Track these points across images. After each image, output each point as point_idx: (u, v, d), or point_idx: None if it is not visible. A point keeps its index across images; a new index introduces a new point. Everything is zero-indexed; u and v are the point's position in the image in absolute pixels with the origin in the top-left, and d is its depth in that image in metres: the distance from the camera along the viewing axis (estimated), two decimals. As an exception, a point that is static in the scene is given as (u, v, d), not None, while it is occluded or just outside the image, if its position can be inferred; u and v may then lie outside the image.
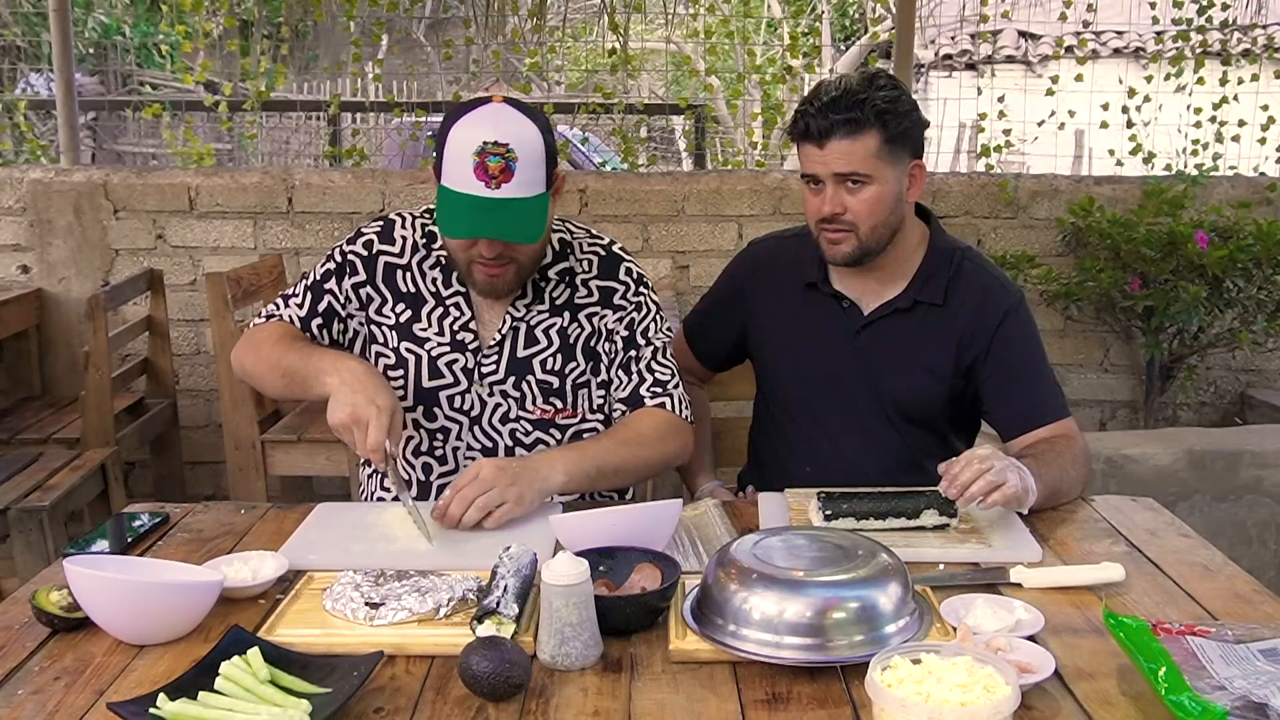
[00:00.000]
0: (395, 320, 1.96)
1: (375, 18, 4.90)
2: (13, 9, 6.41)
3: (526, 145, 1.77)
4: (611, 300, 1.98)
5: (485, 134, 1.75)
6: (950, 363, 2.03)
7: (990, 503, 1.67)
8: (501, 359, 1.94)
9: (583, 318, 1.97)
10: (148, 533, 1.76)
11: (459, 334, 1.95)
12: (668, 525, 1.62)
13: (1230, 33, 4.91)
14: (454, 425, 1.95)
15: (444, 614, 1.40)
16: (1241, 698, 1.19)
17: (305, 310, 1.97)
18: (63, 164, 4.40)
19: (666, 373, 1.98)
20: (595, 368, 1.98)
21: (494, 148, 1.74)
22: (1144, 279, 3.90)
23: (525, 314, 1.95)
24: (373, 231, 2.00)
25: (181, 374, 4.23)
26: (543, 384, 1.95)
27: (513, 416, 1.95)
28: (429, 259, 1.98)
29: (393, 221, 2.01)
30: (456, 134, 1.78)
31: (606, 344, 1.98)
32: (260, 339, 1.94)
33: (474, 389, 1.94)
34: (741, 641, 1.31)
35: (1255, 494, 3.30)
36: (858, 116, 1.88)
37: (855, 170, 1.90)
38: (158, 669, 1.33)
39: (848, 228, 1.94)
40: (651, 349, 1.98)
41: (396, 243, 1.99)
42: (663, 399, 1.96)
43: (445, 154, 1.79)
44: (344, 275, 1.97)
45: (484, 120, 1.77)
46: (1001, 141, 4.68)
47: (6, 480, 3.05)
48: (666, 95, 8.42)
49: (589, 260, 2.00)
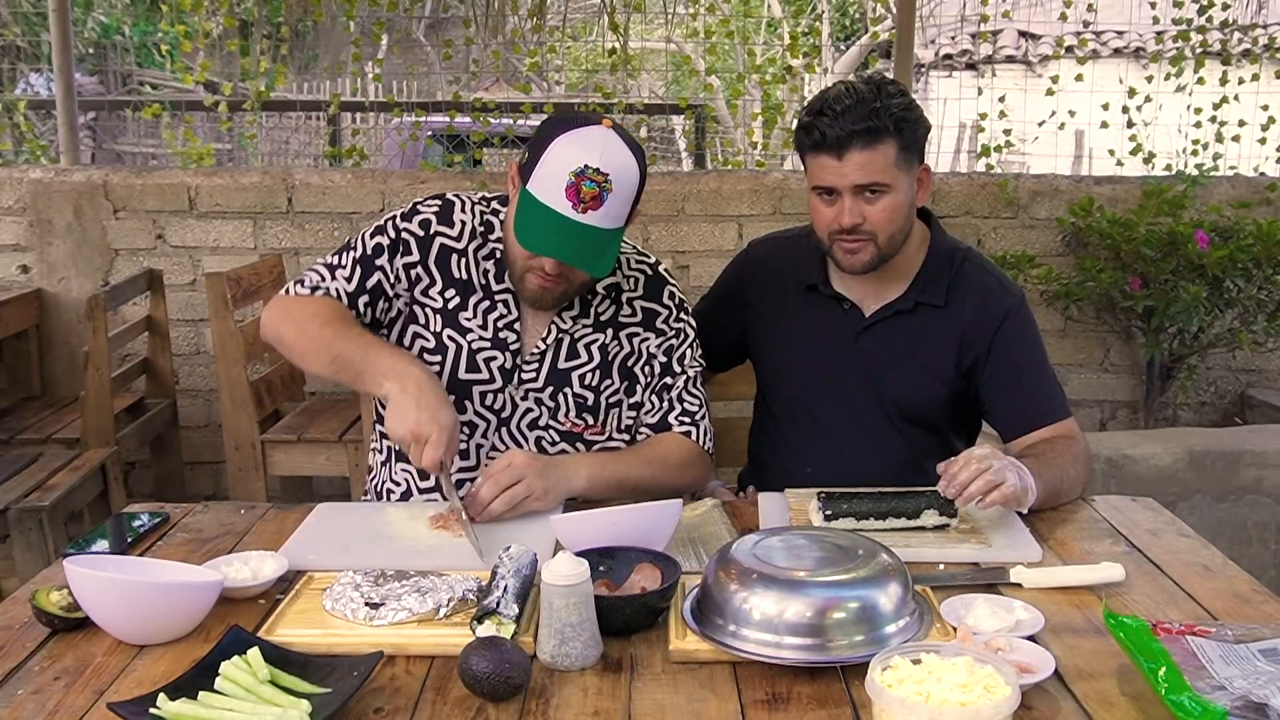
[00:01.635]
0: (442, 304, 1.92)
1: (375, 18, 4.89)
2: (13, 9, 6.41)
3: (624, 179, 1.74)
4: (654, 324, 1.98)
5: (590, 158, 1.72)
6: (952, 363, 2.03)
7: (989, 502, 1.67)
8: (542, 368, 1.92)
9: (624, 336, 1.96)
10: (148, 533, 1.76)
11: (502, 332, 1.92)
12: (668, 525, 1.62)
13: (1230, 33, 4.90)
14: (482, 423, 1.93)
15: (444, 614, 1.40)
16: (1241, 698, 1.19)
17: (354, 285, 1.90)
18: (63, 164, 4.39)
19: (696, 403, 1.99)
20: (630, 388, 1.97)
21: (594, 174, 1.71)
22: (1144, 279, 3.90)
23: (570, 326, 1.94)
24: (430, 211, 1.94)
25: (181, 374, 4.23)
26: (578, 398, 1.94)
27: (542, 424, 1.94)
28: (484, 249, 1.93)
29: (451, 203, 1.95)
30: (559, 148, 1.74)
31: (645, 367, 1.97)
32: (306, 314, 1.86)
33: (508, 390, 1.92)
34: (741, 641, 1.31)
35: (1255, 494, 3.30)
36: (875, 125, 1.84)
37: (875, 180, 1.87)
38: (158, 669, 1.33)
39: (867, 237, 1.92)
40: (685, 377, 1.99)
41: (455, 226, 1.93)
42: (689, 428, 1.97)
43: (541, 162, 1.75)
44: (396, 253, 1.91)
45: (592, 143, 1.73)
46: (1001, 141, 4.68)
47: (6, 480, 3.05)
48: (666, 95, 8.42)
49: (635, 278, 1.99)
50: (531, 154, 1.78)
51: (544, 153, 1.75)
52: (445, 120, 4.62)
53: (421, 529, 1.74)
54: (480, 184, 4.14)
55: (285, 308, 1.91)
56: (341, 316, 1.87)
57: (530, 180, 1.76)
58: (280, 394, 3.67)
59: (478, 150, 4.53)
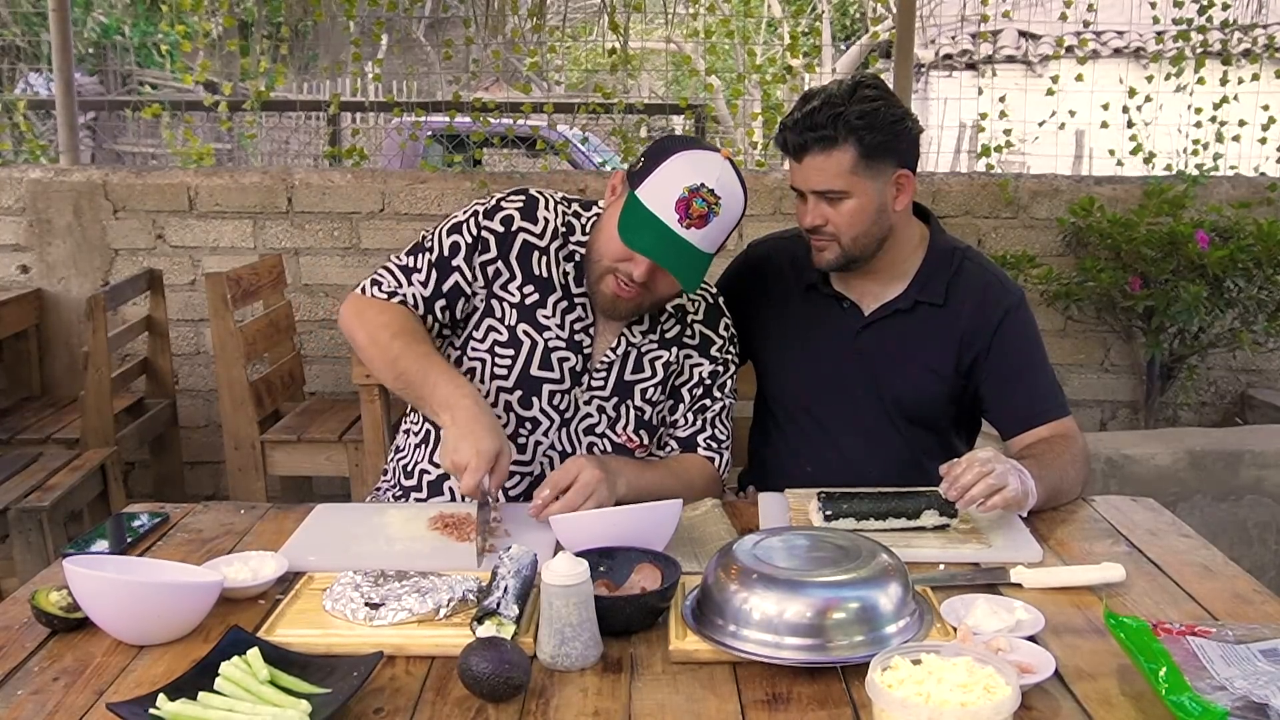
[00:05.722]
0: (520, 299, 1.92)
1: (375, 18, 4.89)
2: (13, 9, 6.41)
3: (732, 206, 1.79)
4: (709, 351, 2.01)
5: (708, 178, 1.76)
6: (951, 362, 2.03)
7: (990, 506, 1.67)
8: (610, 377, 1.94)
9: (681, 356, 1.99)
10: (147, 533, 1.76)
11: (578, 334, 1.93)
12: (668, 525, 1.62)
13: (1230, 33, 4.90)
14: (545, 421, 1.93)
15: (444, 614, 1.40)
16: (1242, 698, 1.19)
17: (430, 289, 1.90)
18: (62, 164, 4.39)
19: (724, 432, 2.03)
20: (674, 407, 2.01)
21: (709, 194, 1.76)
22: (1144, 279, 3.90)
23: (639, 341, 1.96)
24: (514, 207, 1.94)
25: (181, 374, 4.23)
26: (639, 410, 1.96)
27: (599, 431, 1.95)
28: (564, 249, 1.94)
29: (535, 200, 1.96)
30: (679, 162, 1.78)
31: (693, 388, 2.00)
32: (380, 322, 1.86)
33: (574, 392, 1.93)
34: (741, 642, 1.31)
35: (1255, 494, 3.30)
36: (830, 134, 1.88)
37: (830, 187, 1.92)
38: (158, 669, 1.33)
39: (830, 238, 1.97)
40: (721, 405, 2.02)
41: (539, 223, 1.94)
42: (714, 455, 2.01)
43: (657, 172, 1.78)
44: (474, 252, 1.90)
45: (711, 166, 1.78)
46: (1002, 141, 4.68)
47: (6, 480, 3.05)
48: (666, 95, 8.42)
49: (698, 303, 2.03)
50: (646, 163, 1.81)
51: (661, 164, 1.79)
52: (445, 120, 4.62)
53: (421, 529, 1.74)
54: (480, 184, 4.14)
55: (359, 310, 1.91)
56: (412, 330, 1.86)
57: (641, 187, 1.79)
58: (280, 394, 3.67)
59: (478, 150, 4.52)
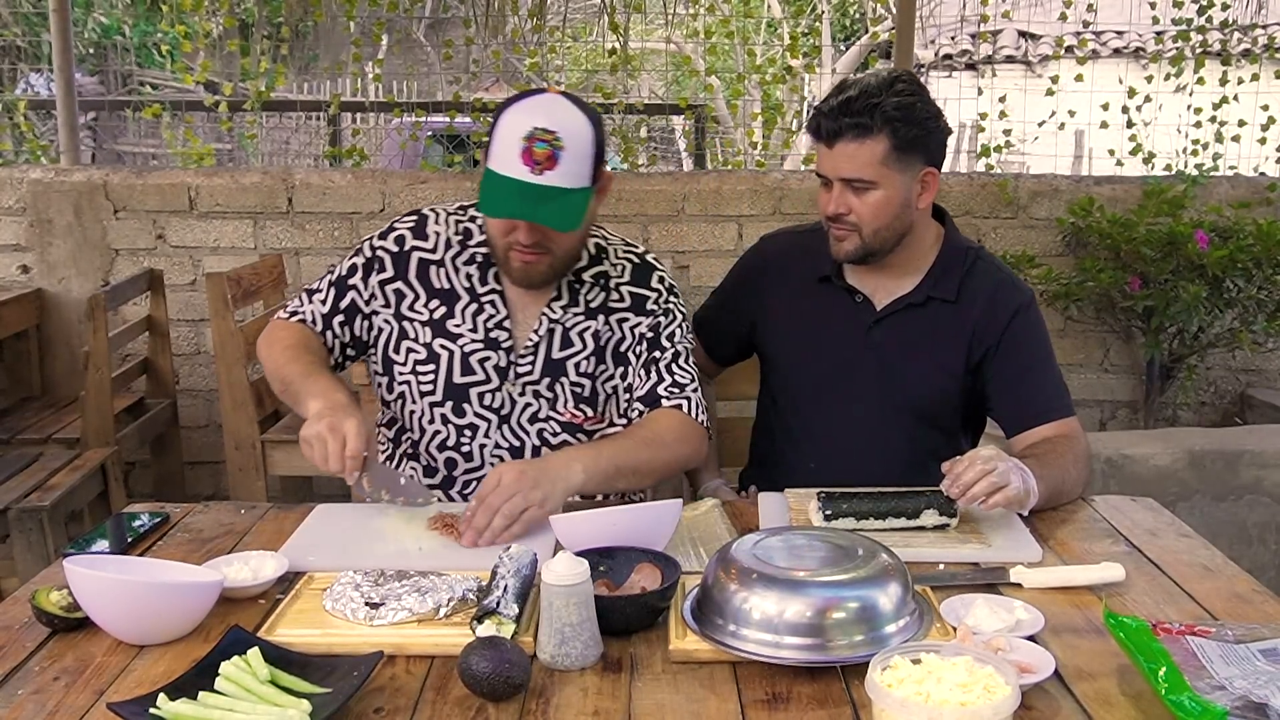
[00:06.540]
0: (428, 316, 1.95)
1: (375, 18, 4.89)
2: (13, 9, 6.40)
3: (575, 136, 1.77)
4: (643, 306, 2.00)
5: (536, 120, 1.76)
6: (962, 359, 2.04)
7: (991, 504, 1.67)
8: (537, 359, 1.95)
9: (614, 321, 1.98)
10: (148, 533, 1.76)
11: (493, 332, 1.94)
12: (668, 525, 1.62)
13: (1230, 33, 4.91)
14: (483, 423, 1.95)
15: (444, 614, 1.40)
16: (1241, 698, 1.19)
17: (328, 307, 1.97)
18: (63, 164, 4.39)
19: (686, 376, 1.99)
20: (624, 373, 1.99)
21: (542, 134, 1.75)
22: (1144, 279, 3.90)
23: (561, 316, 1.96)
24: (405, 227, 1.99)
25: (181, 374, 4.23)
26: (575, 386, 1.96)
27: (542, 417, 1.95)
28: (463, 255, 1.97)
29: (426, 217, 2.00)
30: (508, 118, 1.79)
31: (636, 348, 1.99)
32: (277, 337, 1.95)
33: (505, 387, 1.94)
34: (741, 641, 1.31)
35: (1255, 494, 3.30)
36: (866, 122, 1.88)
37: (859, 175, 1.92)
38: (158, 669, 1.33)
39: (851, 228, 1.96)
40: (673, 352, 1.99)
41: (430, 238, 1.98)
42: (680, 400, 1.96)
43: (494, 137, 1.79)
44: (371, 271, 1.97)
45: (537, 107, 1.78)
46: (1001, 141, 4.68)
47: (6, 480, 3.05)
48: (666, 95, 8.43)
49: (623, 265, 2.01)
50: (490, 136, 1.83)
51: (496, 127, 1.80)
52: (445, 120, 4.62)
53: (421, 529, 1.74)
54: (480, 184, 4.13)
55: (269, 333, 1.99)
56: (303, 343, 1.93)
57: (489, 158, 1.80)
58: (280, 394, 3.67)
59: (478, 150, 4.53)
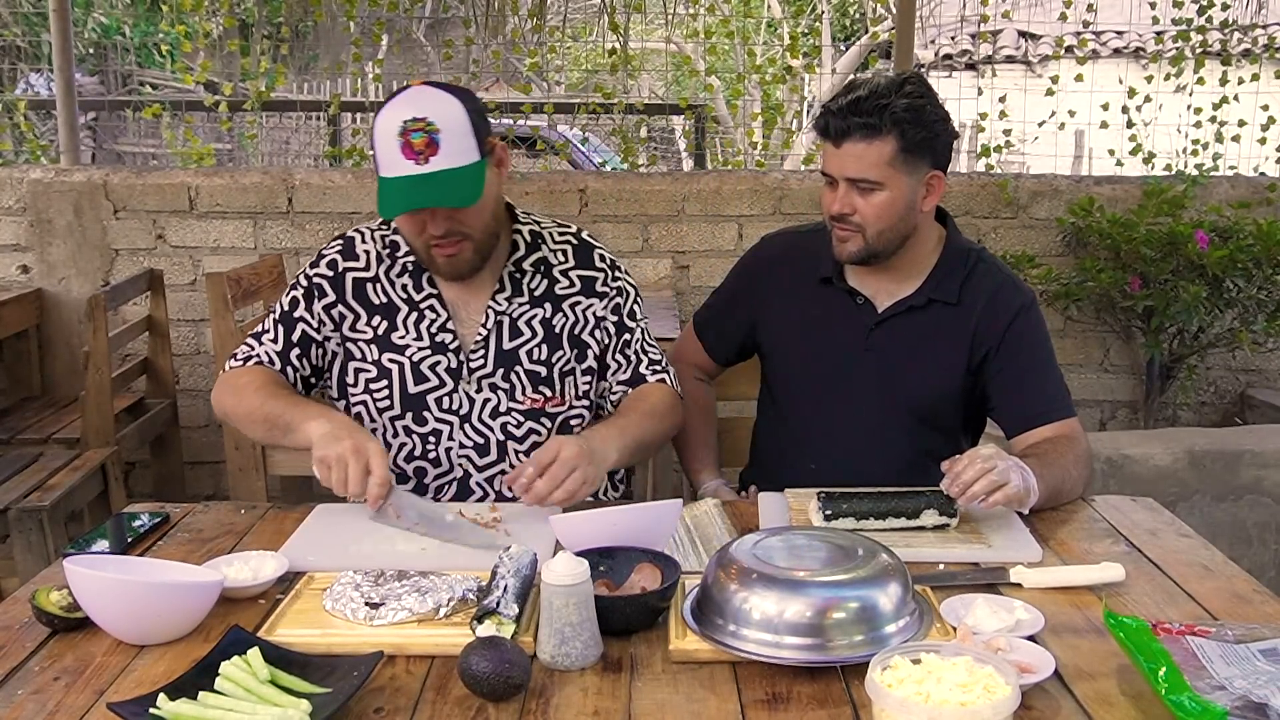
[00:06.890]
0: (372, 334, 1.97)
1: (375, 18, 4.90)
2: (13, 9, 6.40)
3: (448, 118, 1.79)
4: (594, 288, 2.02)
5: (405, 114, 1.78)
6: (963, 360, 2.04)
7: (991, 503, 1.67)
8: (488, 353, 1.96)
9: (566, 308, 2.00)
10: (148, 533, 1.76)
11: (438, 336, 1.96)
12: (668, 525, 1.62)
13: (1230, 33, 4.91)
14: (445, 426, 1.96)
15: (444, 614, 1.40)
16: (1241, 698, 1.19)
17: (280, 344, 1.97)
18: (63, 164, 4.39)
19: (657, 351, 2.06)
20: (581, 355, 2.01)
21: (414, 124, 1.76)
22: (1144, 279, 3.90)
23: (507, 307, 1.97)
24: (334, 251, 2.01)
25: (181, 374, 4.23)
26: (531, 373, 1.97)
27: (503, 410, 1.96)
28: (395, 268, 1.98)
29: (352, 238, 2.02)
30: (380, 122, 1.81)
31: (597, 331, 2.01)
32: (241, 384, 1.93)
33: (461, 387, 1.95)
34: (741, 641, 1.31)
35: (1255, 494, 3.30)
36: (875, 122, 1.88)
37: (865, 175, 1.91)
38: (158, 669, 1.33)
39: (855, 228, 1.96)
40: (640, 329, 2.06)
41: (360, 258, 2.00)
42: (662, 375, 2.05)
43: (375, 144, 1.81)
44: (312, 299, 1.98)
45: (404, 102, 1.80)
46: (1001, 141, 4.68)
47: (6, 480, 3.05)
48: (666, 95, 8.42)
49: (563, 250, 2.03)
50: (372, 147, 1.84)
51: (374, 136, 1.82)
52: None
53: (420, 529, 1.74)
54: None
55: (224, 382, 1.98)
56: (274, 381, 1.94)
57: (377, 167, 1.82)
58: (280, 394, 3.66)
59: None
